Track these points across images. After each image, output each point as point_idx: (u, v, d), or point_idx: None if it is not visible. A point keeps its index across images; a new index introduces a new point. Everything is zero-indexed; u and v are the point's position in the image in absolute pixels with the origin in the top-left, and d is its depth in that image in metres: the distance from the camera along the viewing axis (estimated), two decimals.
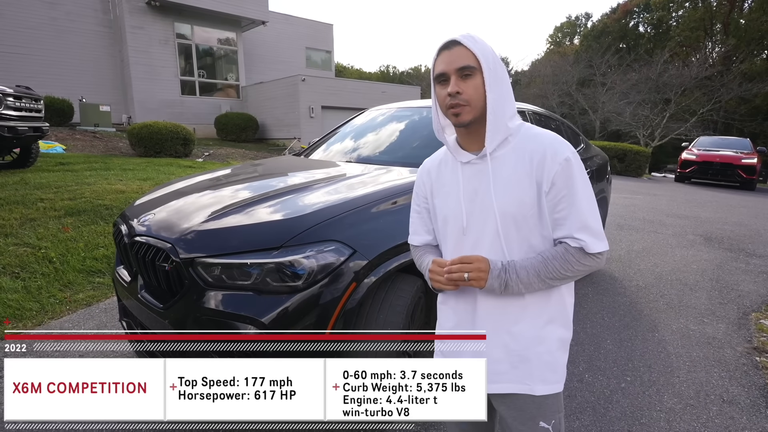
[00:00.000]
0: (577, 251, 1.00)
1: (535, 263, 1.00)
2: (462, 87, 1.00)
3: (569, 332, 1.12)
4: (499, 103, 1.02)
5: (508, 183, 1.02)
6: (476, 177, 1.07)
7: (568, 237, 1.00)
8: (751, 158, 12.32)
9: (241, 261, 1.62)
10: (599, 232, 1.01)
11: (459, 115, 1.02)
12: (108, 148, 10.14)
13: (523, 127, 1.07)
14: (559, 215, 1.01)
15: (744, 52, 26.36)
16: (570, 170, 0.99)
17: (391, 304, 1.81)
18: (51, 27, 13.20)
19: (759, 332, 3.04)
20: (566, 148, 1.02)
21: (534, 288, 1.01)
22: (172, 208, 1.99)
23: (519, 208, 1.01)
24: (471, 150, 1.09)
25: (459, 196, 1.09)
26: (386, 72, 49.38)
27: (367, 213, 1.88)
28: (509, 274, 1.00)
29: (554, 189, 0.99)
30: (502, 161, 1.04)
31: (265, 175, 2.68)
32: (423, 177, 1.24)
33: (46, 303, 3.09)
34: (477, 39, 1.02)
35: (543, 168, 0.99)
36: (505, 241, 1.03)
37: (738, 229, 6.48)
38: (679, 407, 2.15)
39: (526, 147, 1.03)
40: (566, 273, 1.00)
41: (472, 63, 1.00)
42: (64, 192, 5.00)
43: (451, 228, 1.12)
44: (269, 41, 17.91)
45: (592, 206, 1.01)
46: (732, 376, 2.45)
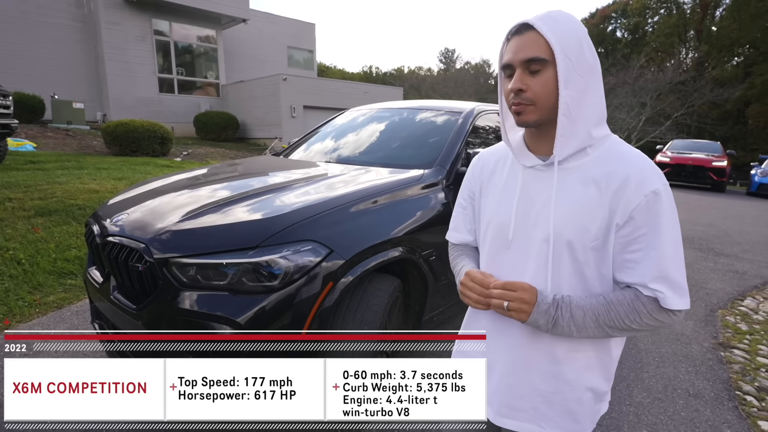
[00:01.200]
0: (650, 301, 0.84)
1: (596, 304, 0.85)
2: (527, 83, 0.85)
3: (608, 385, 0.97)
4: (577, 103, 0.85)
5: (573, 202, 0.87)
6: (538, 186, 0.92)
7: (640, 285, 0.84)
8: (722, 161, 12.78)
9: (217, 261, 1.61)
10: (681, 286, 0.83)
11: (521, 114, 0.88)
12: (81, 147, 9.86)
13: (610, 139, 0.90)
14: (632, 257, 0.84)
15: (716, 58, 27.36)
16: (657, 206, 0.82)
17: (368, 303, 1.82)
18: (21, 21, 12.76)
19: (724, 328, 3.16)
20: (657, 177, 0.84)
21: (587, 333, 0.86)
22: (146, 208, 1.96)
23: (580, 235, 0.86)
24: (539, 153, 0.94)
25: (512, 204, 0.94)
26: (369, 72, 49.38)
27: (344, 213, 1.88)
28: (561, 311, 0.85)
29: (631, 224, 0.83)
30: (574, 175, 0.88)
31: (243, 174, 2.66)
32: (475, 170, 1.09)
33: (14, 306, 3.00)
34: (559, 21, 0.84)
35: (622, 196, 0.83)
36: (553, 268, 0.88)
37: (708, 229, 6.71)
38: (647, 401, 2.23)
39: (607, 165, 0.86)
40: (631, 324, 0.84)
41: (543, 54, 0.83)
42: (34, 191, 4.85)
43: (494, 237, 0.98)
44: (250, 40, 17.70)
45: (677, 253, 0.84)
46: (698, 371, 2.55)
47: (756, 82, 25.84)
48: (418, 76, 43.75)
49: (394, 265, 2.03)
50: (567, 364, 0.92)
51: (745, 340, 2.98)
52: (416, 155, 2.64)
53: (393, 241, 1.96)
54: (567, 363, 0.92)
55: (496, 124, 3.23)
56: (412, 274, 2.15)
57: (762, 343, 2.94)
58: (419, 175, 2.33)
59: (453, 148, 2.56)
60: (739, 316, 3.40)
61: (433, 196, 2.30)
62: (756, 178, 12.63)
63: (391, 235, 1.96)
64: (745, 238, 6.25)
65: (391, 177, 2.30)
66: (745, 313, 3.48)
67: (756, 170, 12.97)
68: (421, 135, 2.92)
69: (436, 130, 2.84)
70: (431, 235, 2.15)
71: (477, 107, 3.00)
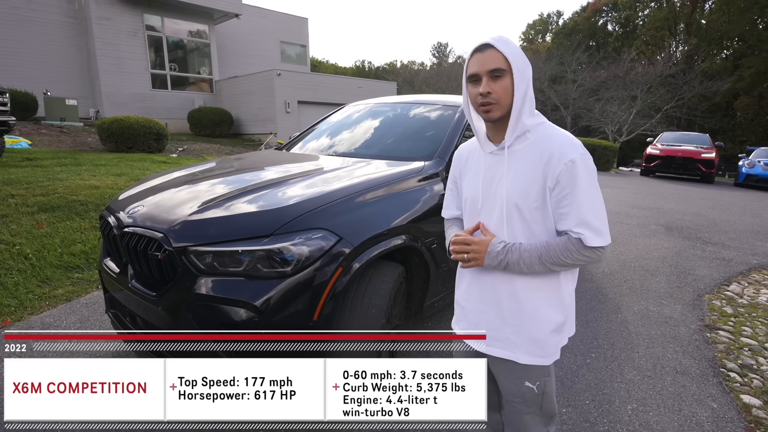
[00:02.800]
0: (576, 242, 1.10)
1: (539, 246, 1.13)
2: (492, 87, 1.12)
3: (563, 316, 1.22)
4: (521, 101, 1.13)
5: (518, 175, 1.15)
6: (495, 166, 1.20)
7: (569, 231, 1.11)
8: (710, 153, 13.01)
9: (233, 249, 1.70)
10: (599, 229, 1.10)
11: (489, 112, 1.14)
12: (76, 143, 9.84)
13: (543, 125, 1.18)
14: (562, 211, 1.12)
15: (705, 51, 27.64)
16: (574, 170, 1.09)
17: (376, 288, 1.92)
18: (11, 16, 12.61)
19: (711, 312, 3.31)
20: (574, 149, 1.11)
21: (535, 269, 1.14)
22: (161, 199, 2.04)
23: (524, 198, 1.14)
24: (496, 142, 1.22)
25: (478, 181, 1.24)
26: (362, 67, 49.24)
27: (351, 203, 1.98)
28: (509, 255, 1.14)
29: (558, 187, 1.10)
30: (519, 155, 1.17)
31: (251, 168, 2.74)
32: (456, 160, 1.40)
33: (24, 299, 3.07)
34: (509, 42, 1.13)
35: (549, 166, 1.10)
36: (507, 226, 1.17)
37: (696, 219, 6.90)
38: (637, 378, 2.36)
39: (540, 145, 1.14)
40: (566, 260, 1.11)
41: (503, 65, 1.11)
42: (36, 188, 4.89)
43: (469, 208, 1.29)
44: (243, 35, 17.63)
45: (594, 204, 1.10)
46: (685, 351, 2.69)
47: (744, 75, 26.21)
48: (411, 71, 43.72)
49: (397, 252, 2.13)
50: (527, 302, 1.19)
51: (730, 322, 3.13)
52: (416, 148, 2.74)
53: (396, 229, 2.06)
54: (527, 301, 1.19)
55: None
56: (415, 261, 2.25)
57: (746, 325, 3.09)
58: (420, 166, 2.43)
59: (451, 140, 2.66)
60: (725, 300, 3.55)
61: (433, 187, 2.40)
62: (743, 169, 12.88)
63: (394, 224, 2.06)
64: (732, 227, 6.43)
65: (393, 169, 2.39)
66: (731, 297, 3.63)
67: (744, 162, 13.21)
68: (420, 128, 3.02)
69: (435, 124, 2.94)
70: (432, 223, 2.25)
71: None
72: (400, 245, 2.07)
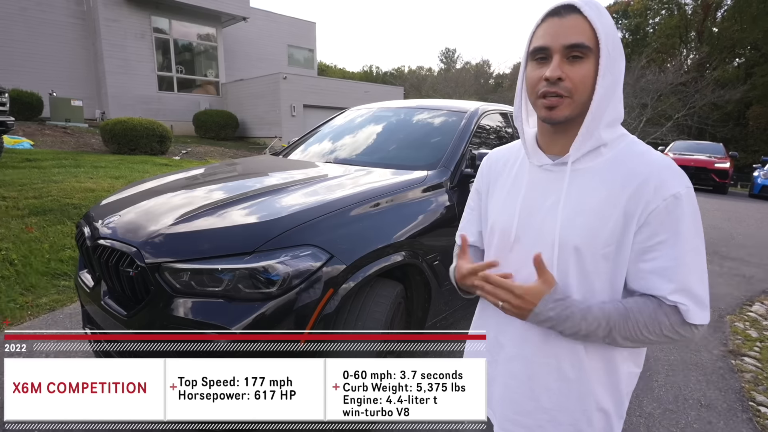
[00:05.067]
0: (674, 313, 0.76)
1: (611, 311, 0.77)
2: (567, 72, 0.76)
3: (616, 407, 0.88)
4: (606, 100, 0.78)
5: (583, 205, 0.80)
6: (546, 187, 0.85)
7: (662, 297, 0.77)
8: (724, 162, 12.71)
9: (212, 266, 1.53)
10: (703, 299, 0.77)
11: (553, 108, 0.78)
12: (79, 144, 9.78)
13: (627, 140, 0.83)
14: (648, 266, 0.77)
15: (717, 59, 27.26)
16: (678, 210, 0.74)
17: (370, 310, 1.75)
18: (20, 17, 12.64)
19: (734, 335, 3.09)
20: (679, 179, 0.77)
21: (593, 340, 0.79)
22: (139, 210, 1.88)
23: (589, 241, 0.78)
24: (550, 152, 0.87)
25: (515, 205, 0.88)
26: (369, 72, 49.30)
27: (345, 216, 1.81)
28: (569, 320, 0.78)
29: (647, 230, 0.76)
30: (587, 177, 0.81)
31: (240, 175, 2.58)
32: (483, 170, 1.03)
33: (5, 308, 2.92)
34: (602, 10, 0.77)
35: (640, 198, 0.75)
36: (557, 277, 0.80)
37: (712, 232, 6.64)
38: (658, 412, 2.15)
39: (625, 166, 0.79)
40: (648, 336, 0.76)
41: (588, 41, 0.76)
42: (29, 190, 4.77)
43: (498, 241, 0.92)
44: (250, 38, 17.60)
45: (699, 263, 0.77)
46: (709, 380, 2.47)
47: (757, 84, 25.79)
48: (419, 76, 43.68)
49: (396, 269, 1.95)
50: (577, 382, 0.85)
51: (756, 348, 2.91)
52: (419, 156, 2.57)
53: (396, 245, 1.88)
54: (577, 381, 0.85)
55: (500, 124, 3.16)
56: (415, 279, 2.07)
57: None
58: (423, 176, 2.26)
59: (457, 148, 2.48)
60: (748, 322, 3.33)
61: (437, 199, 2.22)
62: (759, 180, 12.55)
63: (393, 239, 1.89)
64: (750, 240, 6.18)
65: (394, 178, 2.22)
66: (755, 319, 3.41)
67: (759, 172, 12.88)
68: (424, 135, 2.85)
69: (440, 130, 2.76)
70: (435, 238, 2.07)
71: (482, 107, 2.93)
72: (400, 262, 1.89)
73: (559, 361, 0.85)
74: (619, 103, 0.82)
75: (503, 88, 34.55)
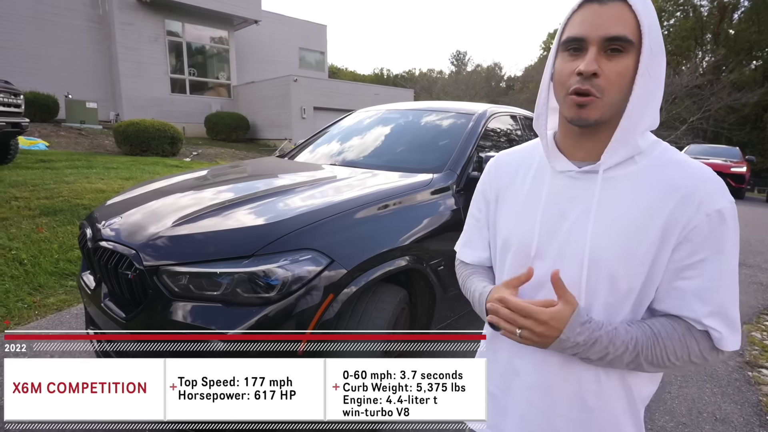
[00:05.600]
0: (704, 338, 0.70)
1: (638, 334, 0.69)
2: (604, 67, 0.68)
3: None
4: (644, 102, 0.70)
5: (618, 220, 0.71)
6: (571, 197, 0.76)
7: (693, 320, 0.70)
8: (741, 167, 12.43)
9: (210, 270, 1.51)
10: (737, 323, 0.71)
11: (584, 107, 0.69)
12: (93, 146, 9.92)
13: (661, 146, 0.75)
14: (683, 285, 0.69)
15: (733, 62, 26.78)
16: (722, 228, 0.68)
17: (372, 316, 1.71)
18: (37, 21, 12.91)
19: (750, 345, 2.99)
20: (723, 193, 0.69)
21: (618, 365, 0.72)
22: (139, 211, 1.87)
23: (624, 261, 0.70)
24: (574, 157, 0.78)
25: (536, 215, 0.78)
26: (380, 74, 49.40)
27: (348, 219, 1.77)
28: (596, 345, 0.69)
29: (687, 247, 0.68)
30: (619, 187, 0.73)
31: (243, 177, 2.57)
32: (492, 174, 0.92)
33: (13, 308, 2.94)
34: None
35: (682, 213, 0.68)
36: (586, 300, 0.73)
37: None
38: (670, 426, 2.07)
39: (663, 176, 0.71)
40: (675, 361, 0.70)
41: (631, 34, 0.67)
42: (41, 190, 4.83)
43: (514, 257, 0.82)
44: (262, 41, 17.75)
45: (735, 284, 0.71)
46: (724, 392, 2.38)
47: None
48: (430, 78, 43.63)
49: (400, 274, 1.92)
50: (598, 410, 0.77)
51: None
52: (425, 159, 2.53)
53: (399, 249, 1.84)
54: (600, 410, 0.77)
55: (509, 126, 3.10)
56: (419, 284, 2.03)
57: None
58: (428, 179, 2.22)
59: (464, 151, 2.44)
60: (765, 332, 3.21)
61: (443, 202, 2.18)
62: None
63: (397, 244, 1.85)
64: (767, 247, 6.01)
65: (398, 181, 2.18)
66: None
67: None
68: (430, 137, 2.81)
69: (447, 133, 2.72)
70: (440, 243, 2.03)
71: (489, 109, 2.88)
72: (403, 267, 1.85)
73: (581, 388, 0.77)
74: (657, 107, 0.73)
75: (514, 91, 34.34)
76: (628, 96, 0.69)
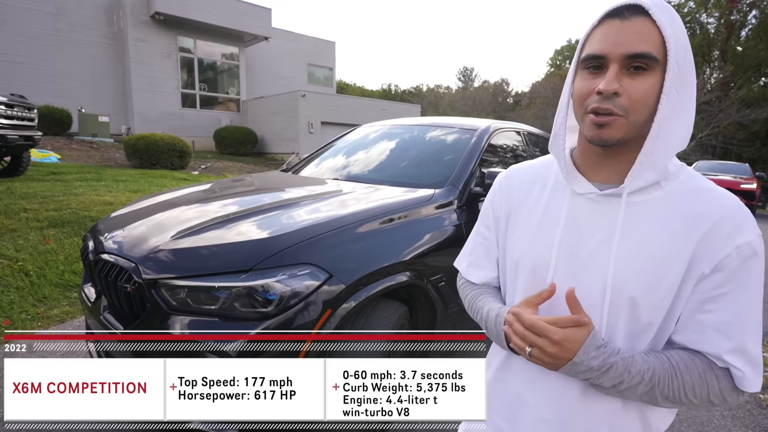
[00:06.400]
0: (725, 376, 0.66)
1: (656, 366, 0.66)
2: (626, 86, 0.64)
3: None
4: (669, 123, 0.66)
5: (643, 249, 0.68)
6: (592, 221, 0.72)
7: (714, 357, 0.66)
8: (751, 183, 12.29)
9: (208, 284, 1.51)
10: (760, 362, 0.66)
11: (604, 127, 0.66)
12: (104, 159, 10.08)
13: (685, 171, 0.72)
14: (706, 318, 0.66)
15: (742, 78, 26.73)
16: (750, 262, 0.65)
17: None
18: (54, 37, 13.28)
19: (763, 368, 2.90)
20: (752, 225, 0.67)
21: (631, 394, 0.67)
22: (142, 224, 1.88)
23: (649, 292, 0.67)
24: (594, 179, 0.74)
25: (553, 238, 0.74)
26: (388, 90, 49.96)
27: (347, 234, 1.77)
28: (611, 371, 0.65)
29: (713, 279, 0.65)
30: (643, 213, 0.69)
31: (245, 191, 2.58)
32: (503, 190, 0.87)
33: (17, 319, 2.95)
34: (674, 12, 0.65)
35: (709, 244, 0.65)
36: (607, 332, 0.70)
37: None
38: None
39: (689, 203, 0.68)
40: (692, 398, 0.66)
41: (656, 51, 0.63)
42: (50, 202, 4.90)
43: (527, 280, 0.78)
44: (271, 57, 18.07)
45: (759, 320, 0.67)
46: (735, 416, 2.31)
47: None
48: (437, 94, 44.02)
49: (400, 290, 1.90)
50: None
51: None
52: (427, 174, 2.53)
53: (399, 265, 1.83)
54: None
55: (514, 142, 3.10)
56: (420, 300, 2.01)
57: None
58: (430, 194, 2.21)
59: (466, 166, 2.44)
60: None
61: (444, 218, 2.17)
62: None
63: (397, 259, 1.84)
64: None
65: (400, 196, 2.18)
66: None
67: None
68: (433, 153, 2.81)
69: (450, 148, 2.73)
70: (441, 258, 2.02)
71: (493, 125, 2.89)
72: (403, 283, 1.84)
73: (596, 424, 0.73)
74: (687, 128, 0.69)
75: (521, 107, 34.49)
76: (653, 116, 0.66)
